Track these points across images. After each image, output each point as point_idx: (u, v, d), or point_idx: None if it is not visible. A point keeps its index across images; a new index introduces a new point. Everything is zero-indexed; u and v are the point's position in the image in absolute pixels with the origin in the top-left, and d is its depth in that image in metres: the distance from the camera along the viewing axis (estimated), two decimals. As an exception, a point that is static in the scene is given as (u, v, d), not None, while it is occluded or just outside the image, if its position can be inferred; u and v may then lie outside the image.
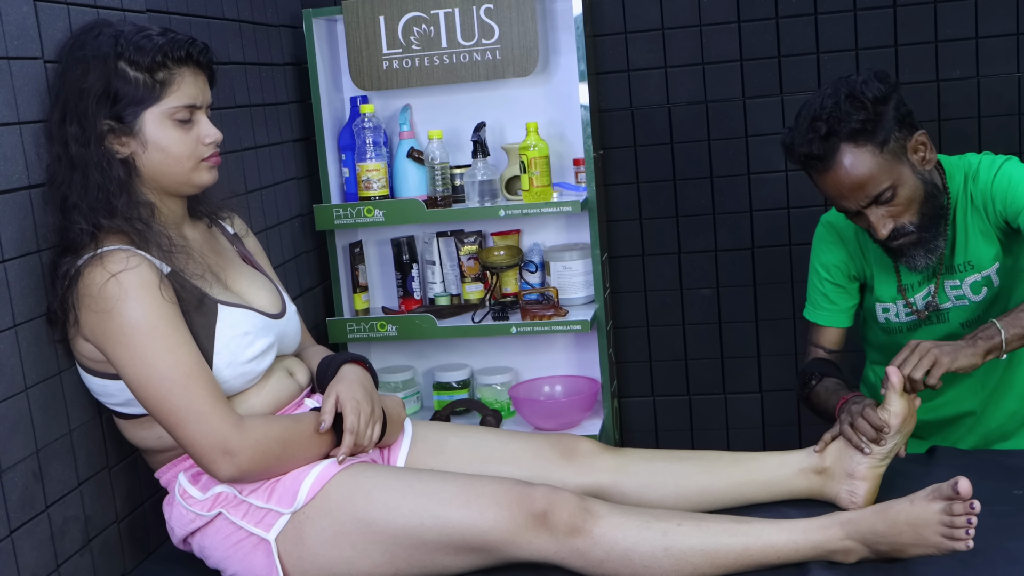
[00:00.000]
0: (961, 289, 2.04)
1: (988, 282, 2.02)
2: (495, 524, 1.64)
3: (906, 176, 1.91)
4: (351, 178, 2.85)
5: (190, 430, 1.61)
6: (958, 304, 2.05)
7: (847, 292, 2.15)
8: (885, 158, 1.89)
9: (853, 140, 1.88)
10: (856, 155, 1.88)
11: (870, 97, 1.88)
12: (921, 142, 1.94)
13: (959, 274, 2.03)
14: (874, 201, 1.90)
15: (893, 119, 1.90)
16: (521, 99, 2.86)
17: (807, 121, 1.91)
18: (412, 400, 2.92)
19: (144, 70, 1.64)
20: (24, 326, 1.63)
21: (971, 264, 2.01)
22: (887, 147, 1.89)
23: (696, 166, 2.97)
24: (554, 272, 2.85)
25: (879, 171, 1.88)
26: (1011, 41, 2.77)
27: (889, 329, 2.14)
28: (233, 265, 1.86)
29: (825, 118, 1.88)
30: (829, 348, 2.16)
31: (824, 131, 1.88)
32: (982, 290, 2.03)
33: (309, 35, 2.76)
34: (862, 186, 1.89)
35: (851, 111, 1.87)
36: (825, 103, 1.90)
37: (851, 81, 1.91)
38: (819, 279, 2.16)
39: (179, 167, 1.71)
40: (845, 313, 2.16)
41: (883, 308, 2.12)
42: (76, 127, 1.63)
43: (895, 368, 1.79)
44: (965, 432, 2.15)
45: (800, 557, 1.64)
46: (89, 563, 1.76)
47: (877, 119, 1.88)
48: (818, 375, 2.07)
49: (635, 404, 3.13)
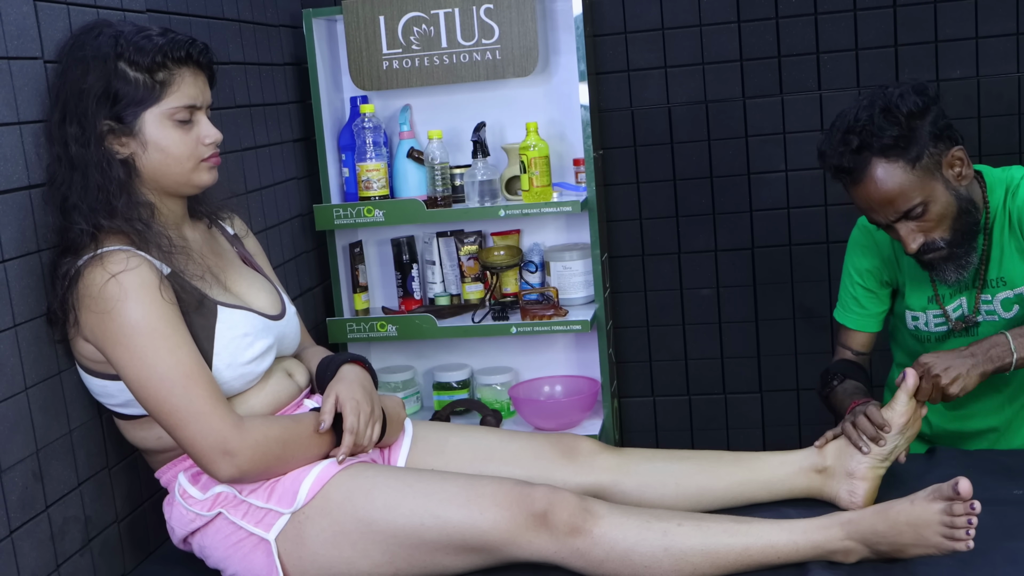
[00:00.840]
0: (992, 304, 2.02)
1: (1020, 300, 1.99)
2: (495, 524, 1.64)
3: (939, 192, 1.89)
4: (351, 178, 2.85)
5: (190, 430, 1.61)
6: (988, 319, 2.03)
7: (878, 297, 2.14)
8: (917, 174, 1.87)
9: (885, 155, 1.86)
10: (887, 170, 1.86)
11: (905, 112, 1.85)
12: (958, 157, 1.91)
13: (991, 289, 2.01)
14: (904, 216, 1.89)
15: (928, 134, 1.87)
16: (521, 99, 2.86)
17: (840, 132, 1.90)
18: (412, 400, 2.92)
19: (144, 70, 1.64)
20: (24, 326, 1.63)
21: (1003, 280, 1.99)
22: (919, 163, 1.87)
23: (696, 166, 2.97)
24: (554, 272, 2.85)
25: (910, 187, 1.87)
26: (1011, 41, 2.77)
27: (919, 337, 2.13)
28: (233, 266, 1.86)
29: (858, 131, 1.87)
30: (857, 350, 2.16)
31: (856, 144, 1.87)
32: (1013, 307, 2.00)
33: (309, 35, 2.76)
34: (892, 201, 1.87)
35: (885, 126, 1.85)
36: (860, 115, 1.88)
37: (888, 93, 1.88)
38: (851, 283, 2.15)
39: (179, 167, 1.71)
40: (875, 318, 2.15)
41: (912, 316, 2.11)
42: (76, 127, 1.63)
43: (913, 371, 1.79)
44: (987, 447, 2.13)
45: (800, 557, 1.64)
46: (89, 563, 1.76)
47: (911, 134, 1.86)
48: (840, 376, 2.06)
49: (635, 404, 3.13)
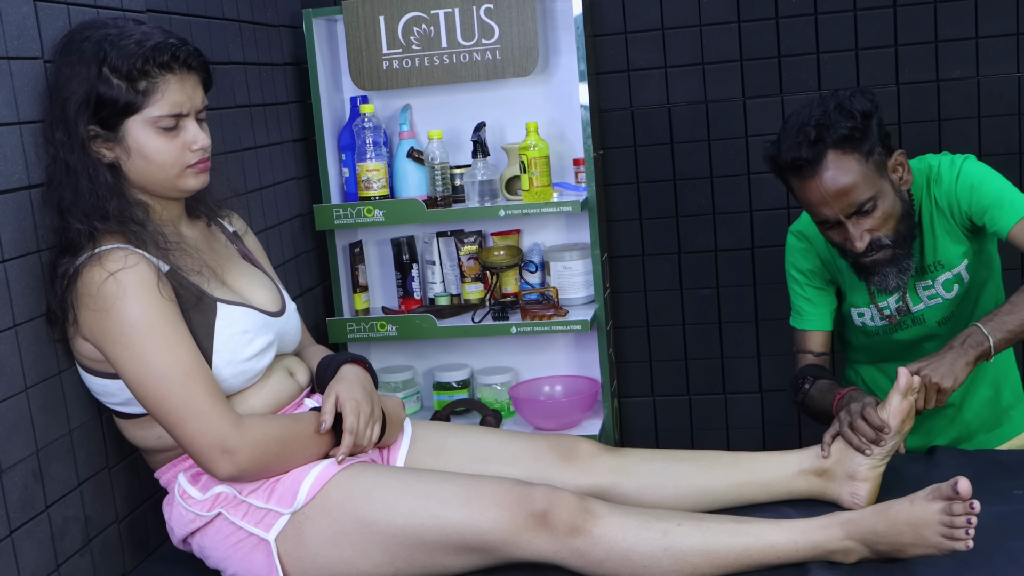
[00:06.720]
0: (934, 288, 2.07)
1: (959, 279, 2.05)
2: (495, 524, 1.64)
3: (887, 191, 1.94)
4: (351, 178, 2.85)
5: (189, 429, 1.61)
6: (932, 304, 2.08)
7: (827, 295, 2.18)
8: (869, 168, 1.92)
9: (840, 147, 1.91)
10: (843, 161, 1.91)
11: (859, 110, 1.91)
12: (900, 162, 1.98)
13: (931, 274, 2.06)
14: (856, 211, 1.92)
15: (877, 135, 1.93)
16: (521, 99, 2.86)
17: (795, 128, 1.94)
18: (412, 400, 2.92)
19: (125, 78, 1.61)
20: (24, 326, 1.63)
21: (941, 264, 2.05)
22: (871, 158, 1.92)
23: (696, 166, 2.97)
24: (554, 272, 2.85)
25: (863, 180, 1.91)
26: (1011, 41, 2.77)
27: (867, 332, 2.18)
28: (232, 263, 1.86)
29: (814, 124, 1.91)
30: (817, 352, 2.18)
31: (813, 136, 1.90)
32: (954, 287, 2.06)
33: (309, 35, 2.76)
34: (846, 193, 1.91)
35: (840, 119, 1.90)
36: (813, 112, 1.94)
37: (838, 95, 1.95)
38: (799, 285, 2.19)
39: (163, 174, 1.69)
40: (829, 316, 2.19)
41: (858, 313, 2.16)
42: (62, 133, 1.63)
43: (905, 370, 1.80)
44: (946, 424, 2.17)
45: (800, 557, 1.64)
46: (89, 563, 1.76)
47: (864, 130, 1.91)
48: (810, 379, 2.09)
49: (635, 404, 3.13)
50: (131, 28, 1.66)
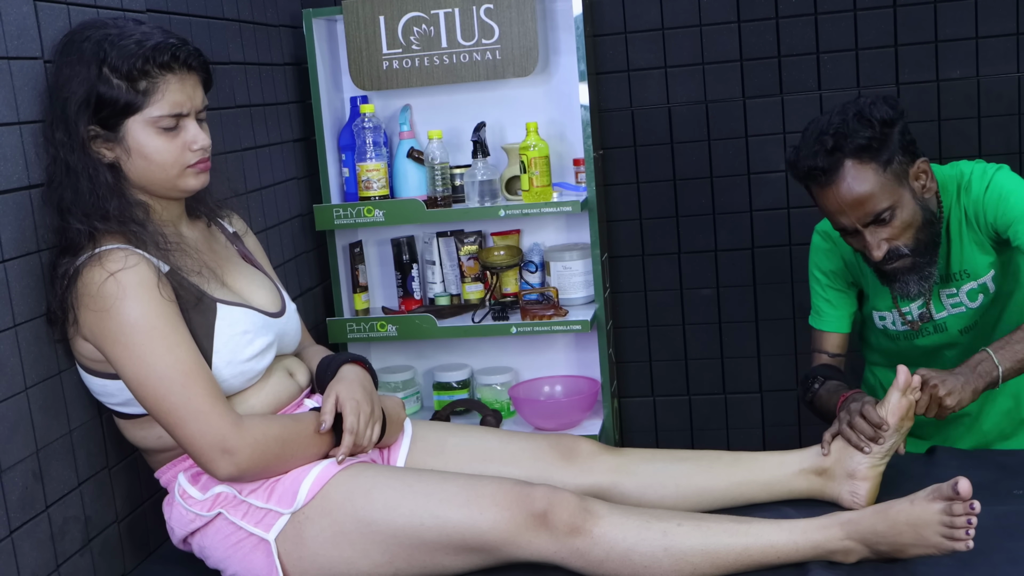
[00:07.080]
0: (958, 297, 2.05)
1: (984, 289, 2.03)
2: (495, 524, 1.64)
3: (906, 200, 1.92)
4: (351, 178, 2.85)
5: (189, 429, 1.61)
6: (955, 312, 2.06)
7: (848, 297, 2.17)
8: (887, 178, 1.89)
9: (858, 156, 1.89)
10: (859, 171, 1.89)
11: (878, 118, 1.89)
12: (923, 170, 1.95)
13: (956, 283, 2.04)
14: (873, 220, 1.91)
15: (898, 143, 1.91)
16: (521, 99, 2.86)
17: (814, 135, 1.92)
18: (412, 400, 2.92)
19: (125, 78, 1.62)
20: (24, 326, 1.63)
21: (967, 273, 2.02)
22: (890, 167, 1.90)
23: (696, 166, 2.97)
24: (554, 272, 2.85)
25: (880, 190, 1.89)
26: (1011, 41, 2.77)
27: (889, 335, 2.16)
28: (232, 263, 1.86)
29: (832, 133, 1.89)
30: (833, 352, 2.17)
31: (830, 145, 1.89)
32: (978, 297, 2.04)
33: (309, 35, 2.76)
34: (862, 203, 1.89)
35: (858, 128, 1.88)
36: (833, 120, 1.91)
37: (860, 102, 1.92)
38: (820, 285, 2.17)
39: (163, 174, 1.69)
40: (848, 318, 2.17)
41: (879, 316, 2.14)
42: (63, 133, 1.63)
43: (905, 368, 1.80)
44: (964, 431, 2.16)
45: (800, 557, 1.64)
46: (89, 563, 1.76)
47: (883, 139, 1.89)
48: (820, 379, 2.08)
49: (635, 404, 3.13)
50: (131, 28, 1.66)
